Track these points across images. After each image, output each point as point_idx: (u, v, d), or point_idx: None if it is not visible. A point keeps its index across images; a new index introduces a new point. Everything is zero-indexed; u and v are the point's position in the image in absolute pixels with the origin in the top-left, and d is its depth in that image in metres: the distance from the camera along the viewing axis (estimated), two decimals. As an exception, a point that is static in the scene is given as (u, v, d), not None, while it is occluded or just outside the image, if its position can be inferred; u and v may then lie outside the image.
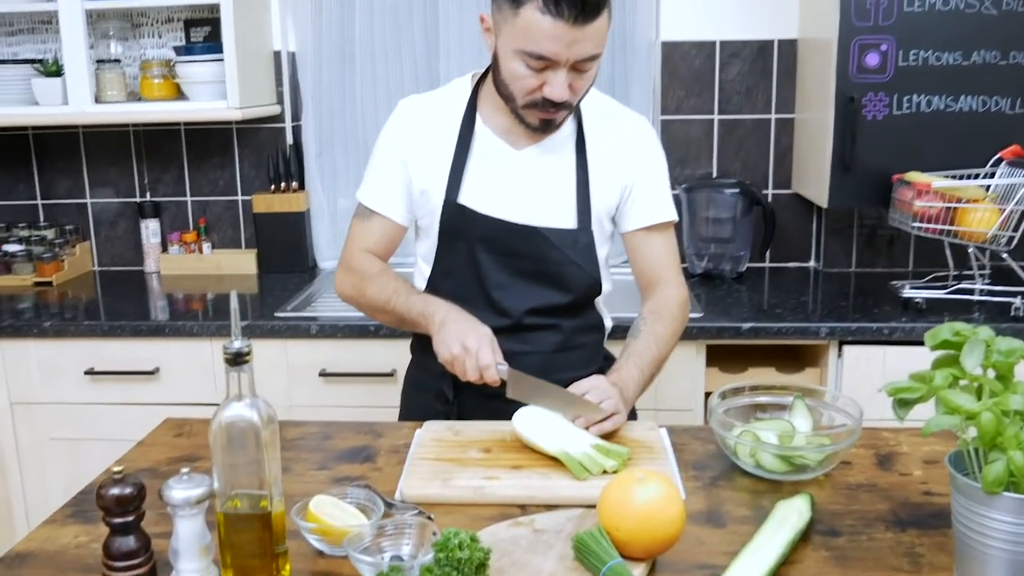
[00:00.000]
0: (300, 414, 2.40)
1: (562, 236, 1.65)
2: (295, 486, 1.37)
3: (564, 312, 1.70)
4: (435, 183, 1.66)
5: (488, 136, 1.66)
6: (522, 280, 1.66)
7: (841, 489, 1.36)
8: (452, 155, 1.65)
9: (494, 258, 1.65)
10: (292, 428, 1.60)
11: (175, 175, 2.99)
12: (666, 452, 1.45)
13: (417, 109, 1.72)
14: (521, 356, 1.61)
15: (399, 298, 1.63)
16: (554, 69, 1.49)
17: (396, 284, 1.66)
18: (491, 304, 1.66)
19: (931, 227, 2.32)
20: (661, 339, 1.65)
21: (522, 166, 1.65)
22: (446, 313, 1.56)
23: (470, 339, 1.49)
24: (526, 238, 1.64)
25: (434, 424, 1.56)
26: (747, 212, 2.70)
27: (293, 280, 2.81)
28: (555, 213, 1.66)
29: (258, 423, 1.05)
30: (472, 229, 1.65)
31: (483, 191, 1.65)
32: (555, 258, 1.65)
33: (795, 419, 1.47)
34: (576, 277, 1.67)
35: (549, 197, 1.66)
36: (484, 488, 1.32)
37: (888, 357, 2.28)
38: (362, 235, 1.72)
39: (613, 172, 1.68)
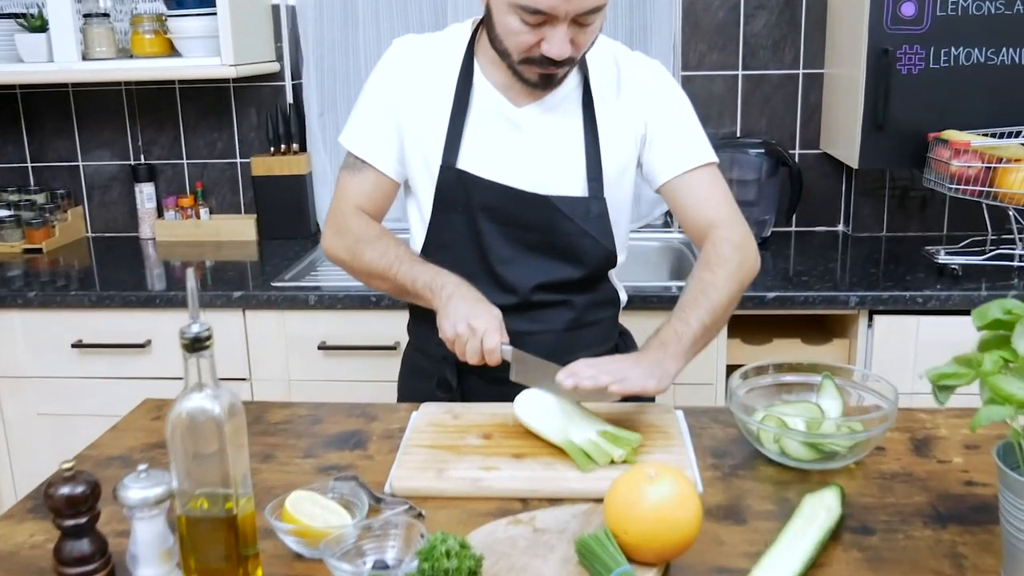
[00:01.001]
0: (298, 389, 2.30)
1: (572, 205, 1.50)
2: (277, 476, 1.26)
3: (576, 287, 1.55)
4: (430, 141, 1.51)
5: (487, 92, 1.51)
6: (529, 253, 1.52)
7: (874, 479, 1.23)
8: (449, 112, 1.50)
9: (498, 228, 1.51)
10: (279, 410, 1.49)
11: (171, 136, 2.87)
12: (682, 438, 1.33)
13: (415, 51, 1.56)
14: (530, 336, 1.48)
15: (402, 266, 1.48)
16: (552, 24, 1.35)
17: (398, 250, 1.50)
18: (495, 280, 1.52)
19: (969, 189, 2.17)
20: (711, 285, 1.42)
21: (525, 126, 1.51)
22: (455, 288, 1.42)
23: (479, 319, 1.35)
24: (534, 207, 1.49)
25: (431, 406, 1.44)
26: (773, 173, 2.55)
27: (294, 247, 2.69)
28: (563, 179, 1.51)
29: (220, 416, 0.93)
30: (473, 197, 1.50)
31: (484, 154, 1.50)
32: (566, 229, 1.50)
33: (823, 400, 1.35)
34: (589, 249, 1.53)
35: (556, 161, 1.51)
36: (482, 480, 1.20)
37: (922, 327, 2.14)
38: (353, 190, 1.56)
39: (625, 124, 1.53)
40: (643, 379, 1.28)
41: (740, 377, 1.35)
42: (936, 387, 1.12)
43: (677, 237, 2.71)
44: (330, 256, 1.58)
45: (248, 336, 2.28)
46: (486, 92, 1.51)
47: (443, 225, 1.53)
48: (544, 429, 1.27)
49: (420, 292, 1.45)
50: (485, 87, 1.51)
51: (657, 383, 1.29)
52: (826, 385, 1.36)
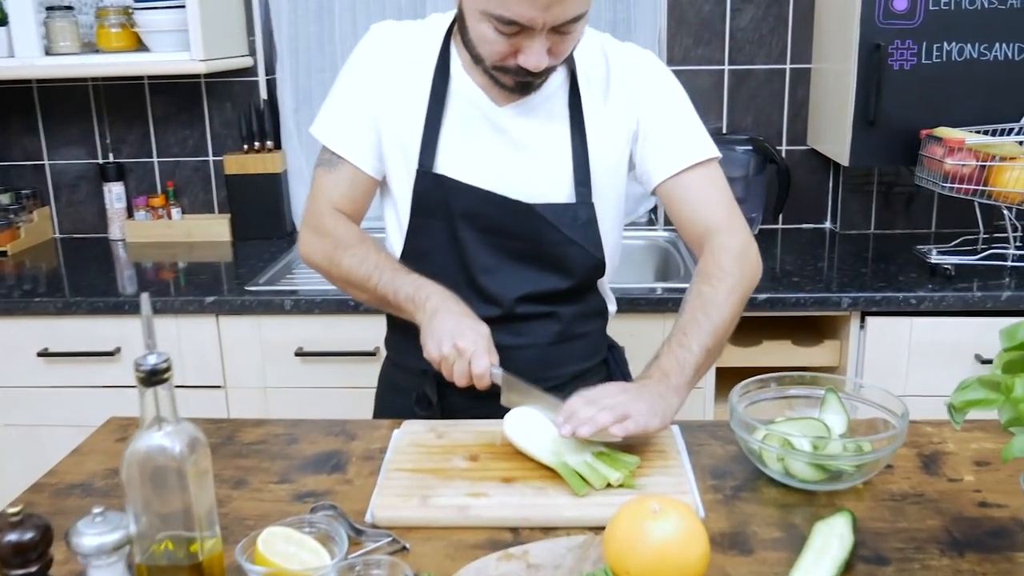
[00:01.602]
0: (274, 397, 2.21)
1: (559, 212, 1.41)
2: (250, 505, 1.18)
3: (563, 298, 1.46)
4: (407, 141, 1.42)
5: (466, 89, 1.41)
6: (513, 262, 1.43)
7: (884, 500, 1.17)
8: (425, 111, 1.41)
9: (479, 236, 1.41)
10: (252, 429, 1.41)
11: (140, 134, 2.77)
12: (680, 457, 1.26)
13: (393, 39, 1.45)
14: (514, 350, 1.40)
15: (382, 275, 1.38)
16: (529, 35, 1.25)
17: (378, 258, 1.41)
18: (477, 291, 1.43)
19: (963, 187, 2.11)
20: (712, 303, 1.33)
21: (506, 126, 1.41)
22: (440, 301, 1.32)
23: (465, 338, 1.26)
24: (517, 215, 1.40)
25: (413, 424, 1.36)
26: (760, 170, 2.49)
27: (269, 248, 2.60)
28: (549, 184, 1.42)
29: (179, 455, 0.85)
30: (452, 203, 1.41)
31: (463, 157, 1.41)
32: (551, 238, 1.41)
33: (827, 416, 1.28)
34: (577, 258, 1.44)
35: (541, 164, 1.42)
36: (469, 509, 1.13)
37: (915, 329, 2.09)
38: (330, 188, 1.46)
39: (616, 121, 1.43)
40: (646, 418, 1.19)
41: (739, 392, 1.28)
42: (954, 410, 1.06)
43: (663, 236, 2.65)
44: (307, 260, 1.49)
45: (222, 342, 2.20)
46: (464, 90, 1.41)
47: (422, 231, 1.45)
48: (536, 450, 1.20)
49: (402, 305, 1.37)
50: (463, 84, 1.42)
51: (660, 422, 1.21)
52: (829, 399, 1.30)
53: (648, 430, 1.19)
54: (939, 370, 2.10)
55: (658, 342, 2.11)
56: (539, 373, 1.43)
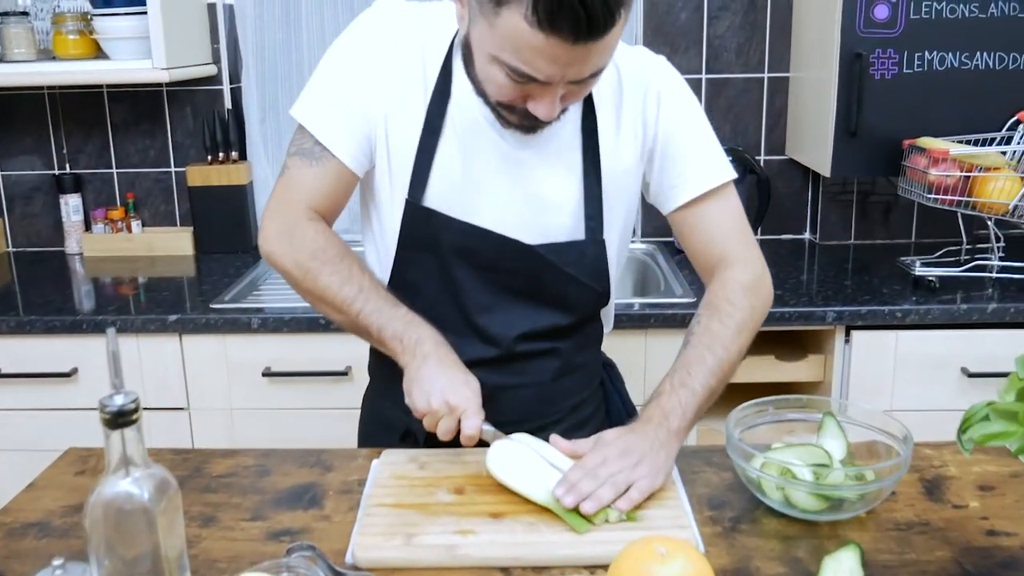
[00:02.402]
0: (241, 419, 2.13)
1: (564, 252, 1.28)
2: (221, 545, 1.11)
3: (564, 333, 1.35)
4: (398, 159, 1.27)
5: (468, 103, 1.24)
6: (512, 300, 1.30)
7: (889, 530, 1.12)
8: (420, 127, 1.25)
9: (474, 274, 1.29)
10: (220, 460, 1.32)
11: (99, 144, 2.66)
12: (676, 487, 1.20)
13: (403, 22, 1.27)
14: (512, 390, 1.32)
15: (366, 304, 1.24)
16: (543, 87, 1.11)
17: (362, 281, 1.26)
18: (474, 330, 1.31)
19: (947, 198, 2.08)
20: (719, 340, 1.26)
21: (510, 152, 1.26)
22: (432, 348, 1.20)
23: (458, 395, 1.16)
24: (517, 255, 1.27)
25: (393, 454, 1.29)
26: (739, 181, 2.42)
27: (234, 262, 2.51)
28: (555, 219, 1.28)
29: (149, 502, 0.78)
30: (443, 239, 1.27)
31: (458, 187, 1.26)
32: (554, 277, 1.29)
33: (825, 440, 1.23)
34: (581, 295, 1.32)
35: (547, 197, 1.28)
36: (457, 548, 1.06)
37: (901, 343, 2.05)
38: (308, 184, 1.27)
39: (630, 141, 1.30)
40: (649, 481, 1.13)
41: (736, 417, 1.22)
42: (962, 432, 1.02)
43: (640, 248, 2.59)
44: (272, 261, 1.31)
45: (185, 362, 2.10)
46: (466, 107, 1.25)
47: (410, 262, 1.31)
48: (527, 489, 1.13)
49: (387, 343, 1.24)
50: (465, 102, 1.25)
51: (664, 479, 1.16)
52: (827, 423, 1.24)
53: (652, 490, 1.14)
54: (925, 384, 2.06)
55: (638, 358, 2.08)
56: (538, 411, 1.37)
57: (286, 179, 1.30)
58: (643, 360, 2.07)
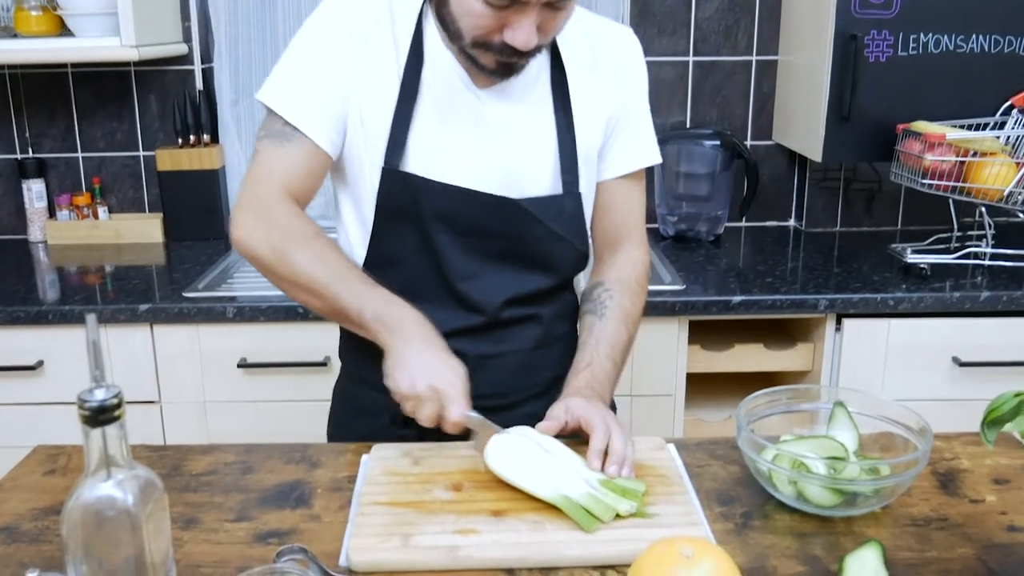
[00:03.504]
0: (215, 412, 2.05)
1: (545, 206, 1.29)
2: (204, 549, 1.03)
3: (544, 299, 1.35)
4: (372, 129, 1.25)
5: (442, 65, 1.25)
6: (495, 265, 1.29)
7: (906, 526, 1.07)
8: (396, 94, 1.24)
9: (455, 240, 1.27)
10: (200, 457, 1.25)
11: (63, 127, 2.56)
12: (683, 482, 1.14)
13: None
14: (495, 359, 1.31)
15: (343, 284, 1.20)
16: (520, 10, 1.12)
17: (339, 262, 1.22)
18: (457, 299, 1.30)
19: (941, 184, 2.04)
20: (631, 318, 1.36)
21: (486, 111, 1.27)
22: (416, 329, 1.17)
23: (443, 379, 1.13)
24: (499, 213, 1.27)
25: (385, 449, 1.22)
26: (727, 166, 2.39)
27: (206, 250, 2.42)
28: (533, 174, 1.29)
29: (132, 507, 0.70)
30: (423, 204, 1.25)
31: (436, 149, 1.25)
32: (537, 235, 1.29)
33: (836, 432, 1.18)
34: (563, 254, 1.33)
35: (524, 153, 1.29)
36: (458, 549, 0.99)
37: (892, 331, 2.02)
38: (280, 166, 1.23)
39: (600, 105, 1.33)
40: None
41: (747, 408, 1.17)
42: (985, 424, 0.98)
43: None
44: (245, 249, 1.24)
45: (157, 354, 2.02)
46: (441, 67, 1.25)
47: (389, 235, 1.29)
48: (530, 484, 1.07)
49: (367, 324, 1.19)
50: (441, 61, 1.25)
51: None
52: (838, 414, 1.19)
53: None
54: (916, 373, 2.03)
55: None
56: (518, 382, 1.36)
57: (257, 164, 1.26)
58: (632, 349, 2.02)
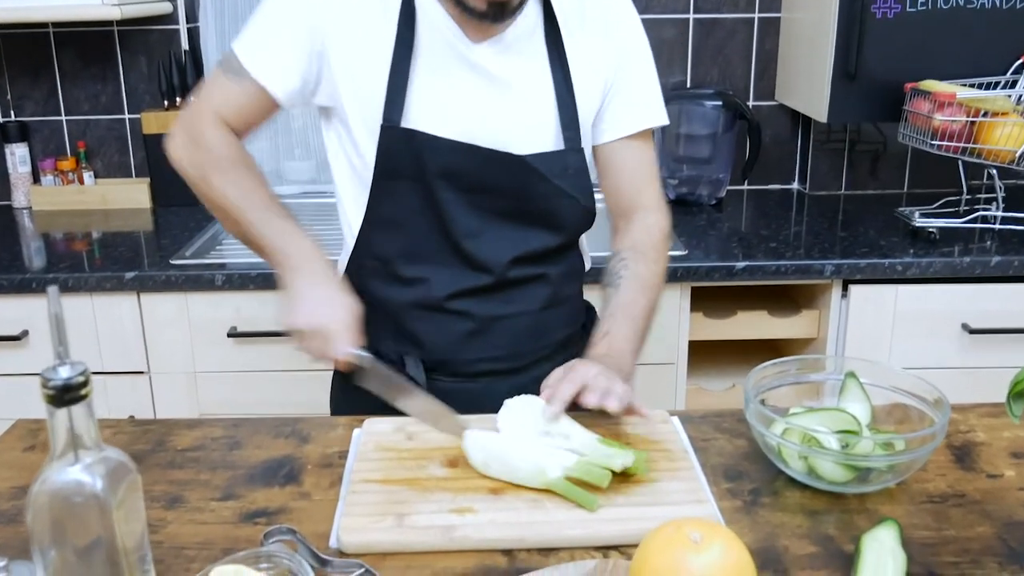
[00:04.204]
0: (205, 383, 2.00)
1: (549, 161, 1.25)
2: (189, 529, 0.99)
3: (551, 258, 1.32)
4: (367, 89, 1.22)
5: (436, 21, 1.22)
6: (500, 223, 1.26)
7: (922, 503, 1.03)
8: (390, 52, 1.21)
9: (460, 197, 1.24)
10: (186, 432, 1.20)
11: (45, 89, 2.48)
12: (689, 457, 1.10)
13: None
14: (504, 320, 1.30)
15: (256, 214, 1.23)
16: None
17: (252, 187, 1.24)
18: (463, 258, 1.27)
19: (951, 145, 1.98)
20: (648, 284, 1.31)
21: (483, 64, 1.23)
22: (304, 263, 1.19)
23: (326, 315, 1.16)
24: (504, 169, 1.23)
25: (377, 423, 1.17)
26: (729, 127, 2.33)
27: (195, 215, 2.36)
28: (535, 131, 1.25)
29: (101, 492, 0.65)
30: (426, 161, 1.22)
31: (436, 105, 1.22)
32: (542, 191, 1.25)
33: (848, 404, 1.13)
34: (568, 211, 1.29)
35: (524, 108, 1.25)
36: (455, 529, 0.95)
37: (900, 297, 1.97)
38: (223, 96, 1.25)
39: (596, 60, 1.28)
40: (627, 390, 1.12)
41: (753, 380, 1.12)
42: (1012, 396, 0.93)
43: (624, 198, 2.48)
44: (176, 166, 1.29)
45: (144, 323, 1.96)
46: (435, 23, 1.22)
47: (389, 195, 1.25)
48: (518, 478, 1.02)
49: (269, 255, 1.23)
50: (434, 16, 1.22)
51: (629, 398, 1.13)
52: (850, 385, 1.15)
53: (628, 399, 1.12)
54: (925, 340, 1.98)
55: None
56: (528, 343, 1.34)
57: (203, 88, 1.28)
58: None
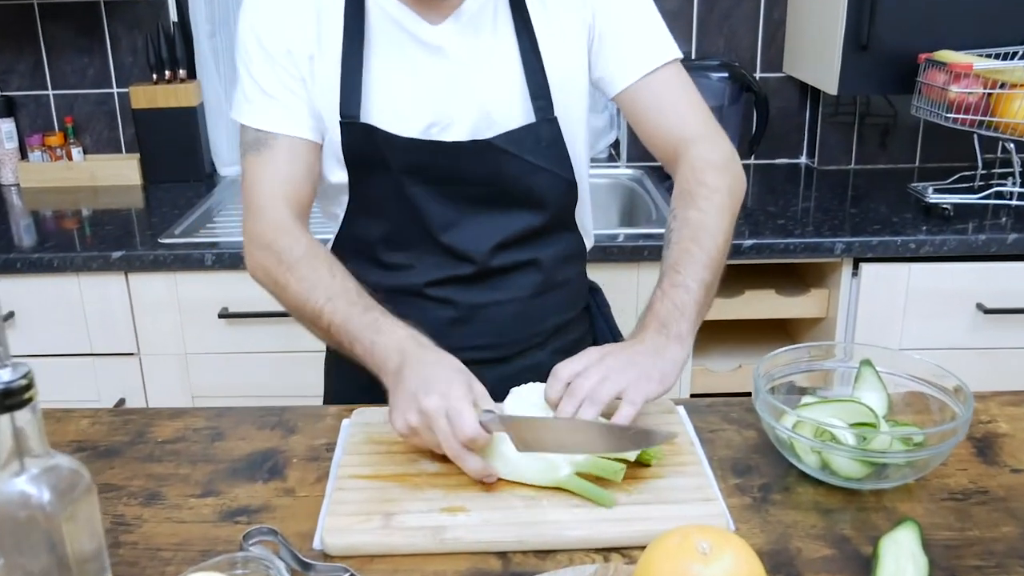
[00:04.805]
0: (197, 365, 1.95)
1: (519, 139, 1.17)
2: (166, 528, 0.93)
3: (540, 238, 1.24)
4: (326, 83, 1.16)
5: (388, 8, 1.15)
6: (476, 210, 1.20)
7: (943, 500, 0.97)
8: (340, 42, 1.15)
9: (431, 190, 1.18)
10: (167, 423, 1.14)
11: (31, 63, 2.41)
12: (695, 450, 1.04)
13: None
14: (491, 307, 1.23)
15: (335, 315, 1.07)
16: None
17: (332, 286, 1.09)
18: (443, 250, 1.20)
19: (966, 118, 1.91)
20: (702, 229, 1.12)
21: (443, 45, 1.16)
22: (404, 358, 1.00)
23: (431, 396, 0.94)
24: (473, 157, 1.17)
25: (367, 413, 1.11)
26: (736, 100, 2.25)
27: (186, 192, 2.30)
28: (503, 107, 1.18)
29: (48, 505, 0.60)
30: (389, 158, 1.16)
31: (394, 96, 1.16)
32: (514, 171, 1.18)
33: (863, 393, 1.07)
34: (546, 186, 1.21)
35: (490, 86, 1.18)
36: (446, 530, 0.89)
37: (913, 276, 1.90)
38: (266, 178, 1.15)
39: (566, 16, 1.20)
40: (643, 388, 0.98)
41: (761, 368, 1.06)
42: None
43: (626, 173, 2.41)
44: (255, 279, 1.20)
45: (133, 303, 1.91)
46: (388, 12, 1.15)
47: (364, 185, 1.19)
48: (526, 475, 0.96)
49: (361, 361, 1.06)
50: (385, 5, 1.15)
51: (660, 383, 1.00)
52: (865, 374, 1.09)
53: (649, 398, 0.99)
54: (938, 320, 1.92)
55: (629, 295, 1.92)
56: (516, 331, 1.26)
57: (244, 186, 1.19)
58: (635, 296, 1.91)
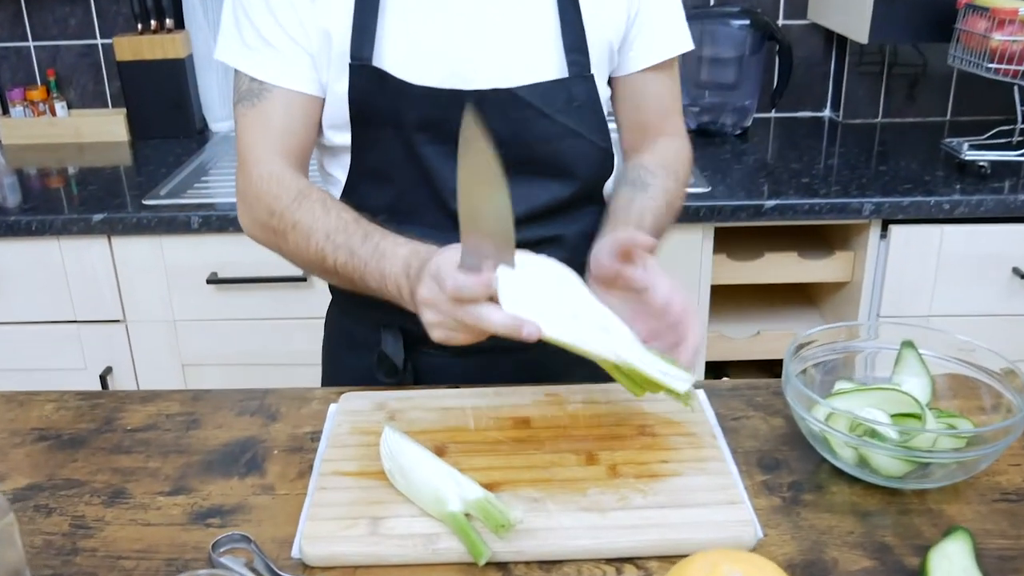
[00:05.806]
0: (186, 332, 1.86)
1: (548, 94, 1.04)
2: (130, 532, 0.84)
3: (566, 214, 1.11)
4: (333, 22, 1.02)
5: None
6: None
7: (994, 501, 0.87)
8: None
9: (446, 151, 1.01)
10: (139, 408, 1.05)
11: (10, 12, 2.28)
12: (717, 442, 0.94)
13: None
14: None
15: (338, 253, 0.97)
16: None
17: (328, 223, 0.98)
18: (455, 221, 1.05)
19: (1009, 68, 1.77)
20: (674, 209, 1.12)
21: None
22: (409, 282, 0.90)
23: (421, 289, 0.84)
24: (496, 110, 1.01)
25: (355, 399, 1.01)
26: (757, 49, 2.11)
27: (175, 148, 2.19)
28: (531, 55, 1.04)
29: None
30: (402, 110, 1.02)
31: (411, 39, 1.02)
32: (542, 132, 1.05)
33: (904, 378, 0.97)
34: (579, 154, 1.08)
35: (518, 30, 1.04)
36: (439, 538, 0.79)
37: (946, 238, 1.78)
38: (257, 132, 1.04)
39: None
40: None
41: (793, 351, 0.95)
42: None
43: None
44: (250, 237, 1.09)
45: (117, 268, 1.81)
46: None
47: (369, 144, 1.06)
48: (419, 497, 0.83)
49: (379, 293, 0.95)
50: None
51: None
52: (907, 357, 0.98)
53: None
54: (971, 286, 1.81)
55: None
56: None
57: (237, 135, 1.08)
58: (649, 261, 1.79)
